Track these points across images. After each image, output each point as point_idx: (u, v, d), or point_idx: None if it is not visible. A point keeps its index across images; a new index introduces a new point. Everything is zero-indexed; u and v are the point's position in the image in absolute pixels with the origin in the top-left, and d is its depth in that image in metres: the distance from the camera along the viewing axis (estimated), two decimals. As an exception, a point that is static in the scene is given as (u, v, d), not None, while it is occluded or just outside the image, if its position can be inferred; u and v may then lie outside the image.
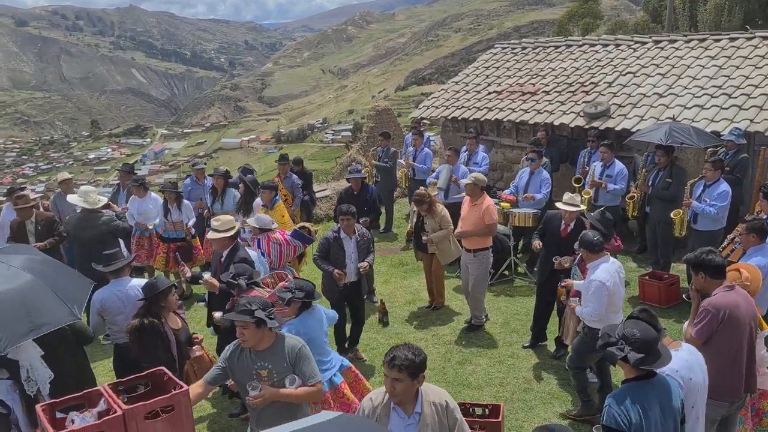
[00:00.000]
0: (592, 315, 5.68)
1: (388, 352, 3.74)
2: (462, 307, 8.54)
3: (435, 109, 13.08)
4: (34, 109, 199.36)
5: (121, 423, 3.63)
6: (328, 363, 5.36)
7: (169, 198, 9.24)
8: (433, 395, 3.78)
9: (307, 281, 5.49)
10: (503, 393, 6.46)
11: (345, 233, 7.08)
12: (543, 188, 9.21)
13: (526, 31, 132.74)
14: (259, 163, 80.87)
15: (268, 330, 4.21)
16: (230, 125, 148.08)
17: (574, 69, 12.22)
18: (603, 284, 5.58)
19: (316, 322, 5.33)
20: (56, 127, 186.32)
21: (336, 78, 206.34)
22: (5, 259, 4.48)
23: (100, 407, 3.77)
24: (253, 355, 4.23)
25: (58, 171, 51.23)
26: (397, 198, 13.12)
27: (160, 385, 4.17)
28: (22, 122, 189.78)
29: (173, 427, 3.80)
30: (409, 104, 74.67)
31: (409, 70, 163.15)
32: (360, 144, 18.28)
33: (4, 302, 4.14)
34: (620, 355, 3.50)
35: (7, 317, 4.09)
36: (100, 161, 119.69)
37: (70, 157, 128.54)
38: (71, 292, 4.60)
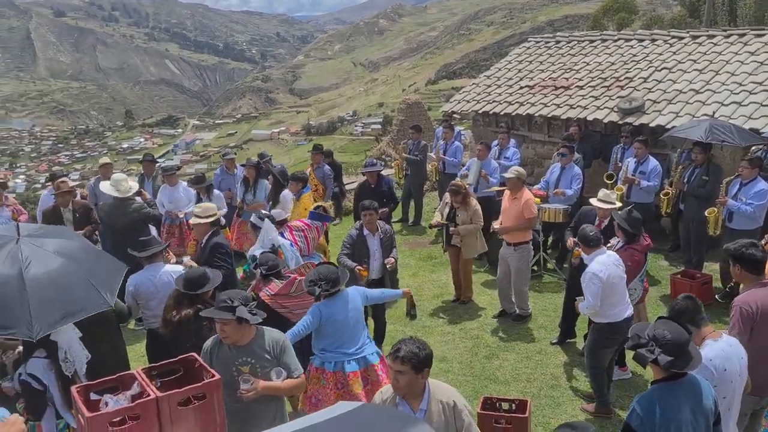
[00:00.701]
0: (587, 308, 5.70)
1: (394, 345, 3.76)
2: (490, 301, 8.52)
3: (466, 103, 13.01)
4: (70, 99, 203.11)
5: (154, 407, 3.69)
6: (355, 351, 5.30)
7: (200, 190, 9.39)
8: (441, 393, 3.75)
9: (331, 265, 5.44)
10: (530, 389, 6.43)
11: (368, 230, 7.04)
12: (574, 184, 9.12)
13: (559, 25, 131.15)
14: (289, 155, 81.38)
15: (249, 326, 4.16)
16: (261, 117, 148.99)
17: (608, 64, 12.05)
18: (595, 275, 5.58)
19: (341, 303, 5.27)
20: (91, 117, 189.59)
21: (366, 71, 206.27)
22: (40, 243, 4.46)
23: (133, 390, 3.83)
24: (234, 351, 4.19)
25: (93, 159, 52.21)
26: (427, 191, 13.09)
27: (192, 372, 4.23)
28: (59, 111, 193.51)
29: (204, 414, 3.85)
30: (440, 98, 74.29)
31: (440, 63, 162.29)
32: (390, 137, 18.30)
33: (38, 287, 4.13)
34: (650, 358, 3.41)
35: (41, 303, 4.06)
36: (133, 151, 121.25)
37: (105, 146, 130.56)
38: (105, 278, 4.58)
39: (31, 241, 4.46)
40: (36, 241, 4.49)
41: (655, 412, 3.37)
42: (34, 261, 4.25)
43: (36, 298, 4.06)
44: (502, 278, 7.98)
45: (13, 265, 4.20)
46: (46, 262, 4.30)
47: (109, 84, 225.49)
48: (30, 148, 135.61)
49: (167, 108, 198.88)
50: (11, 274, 4.14)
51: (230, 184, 10.18)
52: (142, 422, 3.67)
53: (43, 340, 4.33)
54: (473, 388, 6.49)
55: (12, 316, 4.03)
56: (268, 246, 6.89)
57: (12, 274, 4.14)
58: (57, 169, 15.61)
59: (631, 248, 6.22)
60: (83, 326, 4.55)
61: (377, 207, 7.14)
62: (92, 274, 4.45)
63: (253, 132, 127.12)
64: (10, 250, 4.31)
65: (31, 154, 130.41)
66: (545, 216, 8.89)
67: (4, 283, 4.11)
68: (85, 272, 4.40)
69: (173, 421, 3.75)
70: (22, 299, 4.05)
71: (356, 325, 5.34)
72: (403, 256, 10.47)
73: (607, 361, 5.95)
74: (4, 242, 4.40)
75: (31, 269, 4.19)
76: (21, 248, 4.32)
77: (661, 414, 3.36)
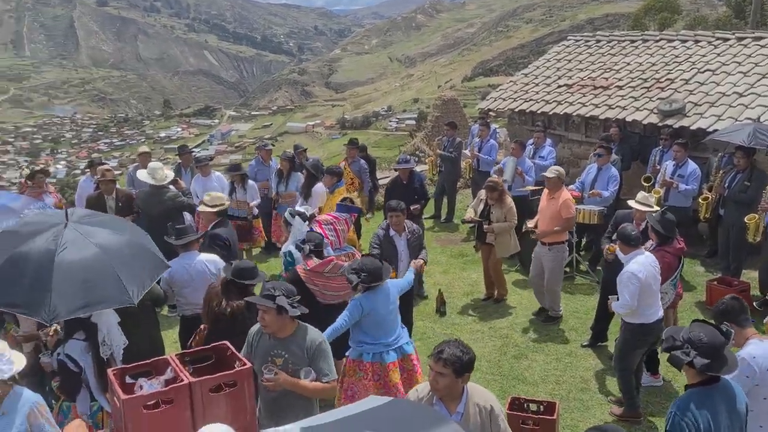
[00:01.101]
0: (623, 307, 5.64)
1: (438, 345, 3.75)
2: (520, 301, 8.48)
3: (502, 101, 12.92)
4: (111, 87, 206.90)
5: (187, 392, 3.77)
6: (393, 341, 5.37)
7: (235, 180, 9.49)
8: (478, 397, 3.74)
9: (375, 259, 5.48)
10: (559, 391, 6.39)
11: (395, 230, 6.95)
12: (610, 185, 8.99)
13: (600, 24, 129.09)
14: (323, 149, 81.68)
15: (291, 318, 4.19)
16: (296, 109, 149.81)
17: (649, 64, 11.84)
18: (634, 275, 5.53)
19: (382, 296, 5.31)
20: (131, 105, 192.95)
21: (403, 66, 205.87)
22: (83, 231, 4.52)
23: (167, 375, 3.92)
24: (273, 341, 4.24)
25: (131, 147, 53.15)
26: (460, 188, 13.05)
27: (223, 360, 4.30)
28: (99, 99, 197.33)
29: (235, 401, 3.92)
30: (475, 95, 73.75)
31: (477, 60, 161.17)
32: (424, 133, 18.24)
33: (64, 273, 4.18)
34: (686, 360, 3.39)
35: (63, 289, 4.11)
36: (170, 140, 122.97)
37: (143, 134, 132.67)
38: (138, 274, 4.54)
39: (76, 227, 4.53)
40: (80, 228, 4.55)
41: (697, 417, 3.34)
42: (70, 247, 4.31)
43: (59, 284, 4.12)
44: (535, 276, 7.93)
45: (49, 248, 4.28)
46: (80, 250, 4.34)
47: (149, 74, 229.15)
48: (71, 135, 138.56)
49: (204, 98, 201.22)
50: (43, 257, 4.22)
51: (266, 175, 10.28)
52: (175, 406, 3.75)
53: (83, 322, 4.45)
54: (501, 387, 6.47)
55: (33, 296, 4.11)
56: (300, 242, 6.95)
57: (44, 257, 4.22)
58: (96, 156, 15.92)
59: (662, 250, 6.13)
60: (121, 311, 4.65)
61: (404, 208, 7.01)
62: (124, 268, 4.43)
63: (288, 124, 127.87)
64: (54, 232, 4.41)
65: (72, 141, 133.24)
66: (579, 217, 8.77)
67: (35, 264, 4.20)
68: (117, 266, 4.39)
69: (205, 407, 3.82)
70: (47, 282, 4.12)
71: (395, 317, 5.44)
72: (435, 253, 10.46)
73: (636, 363, 5.89)
74: (52, 225, 4.50)
75: (64, 255, 4.25)
76: (64, 233, 4.40)
77: (702, 418, 3.33)
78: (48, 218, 4.72)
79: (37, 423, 3.62)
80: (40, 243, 4.32)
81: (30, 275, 4.17)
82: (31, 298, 4.11)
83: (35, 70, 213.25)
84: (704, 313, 7.75)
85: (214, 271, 5.98)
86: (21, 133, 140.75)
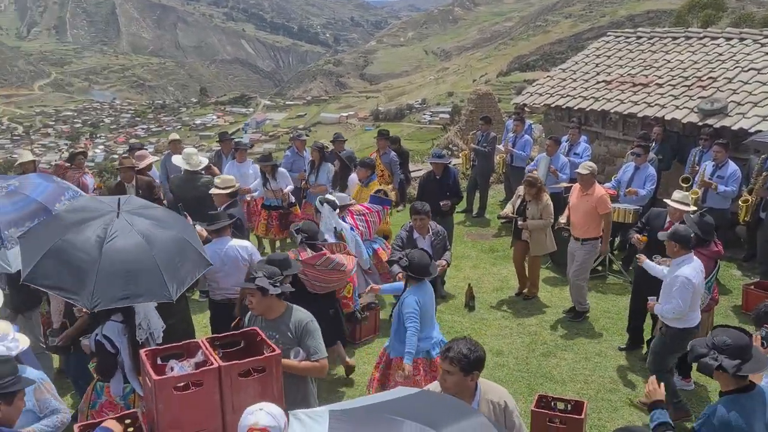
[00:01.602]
0: (674, 312, 5.51)
1: (447, 343, 3.76)
2: (550, 299, 8.41)
3: (538, 96, 12.78)
4: (150, 74, 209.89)
5: (216, 376, 3.82)
6: (436, 334, 5.49)
7: (265, 169, 9.54)
8: (492, 394, 3.71)
9: (425, 253, 5.50)
10: (587, 390, 6.32)
11: (418, 233, 6.83)
12: (647, 184, 8.84)
13: (640, 21, 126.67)
14: (356, 140, 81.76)
15: (278, 299, 4.33)
16: (330, 100, 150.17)
17: (691, 62, 11.59)
18: (689, 281, 5.40)
19: (428, 295, 5.40)
20: (168, 92, 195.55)
21: (438, 59, 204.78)
22: (134, 222, 4.59)
23: (197, 358, 3.97)
24: (264, 323, 4.37)
25: (168, 134, 53.79)
26: (493, 183, 12.96)
27: (253, 345, 4.34)
28: (138, 85, 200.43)
29: (263, 387, 3.96)
30: (510, 90, 73.08)
31: (514, 55, 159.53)
32: (458, 127, 18.16)
33: (113, 263, 4.28)
34: (714, 365, 3.35)
35: (107, 279, 4.21)
36: (206, 127, 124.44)
37: (179, 121, 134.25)
38: (180, 271, 4.60)
39: (127, 217, 4.61)
40: (131, 218, 4.62)
41: (730, 423, 3.28)
42: (119, 237, 4.40)
43: (104, 273, 4.22)
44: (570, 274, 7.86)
45: (98, 236, 4.37)
46: (127, 241, 4.42)
47: (187, 61, 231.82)
48: (110, 120, 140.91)
49: (240, 87, 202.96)
50: (92, 246, 4.32)
51: (301, 165, 10.34)
52: (204, 389, 3.80)
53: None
54: (528, 385, 6.43)
55: (78, 282, 4.21)
56: (330, 230, 7.00)
57: (93, 245, 4.32)
58: (134, 141, 16.19)
59: (698, 252, 6.00)
60: None
61: (428, 211, 6.87)
62: (168, 264, 4.50)
63: (322, 115, 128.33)
64: (105, 221, 4.50)
65: (111, 126, 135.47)
66: (614, 216, 8.64)
67: (84, 252, 4.30)
68: (161, 260, 4.47)
69: (233, 391, 3.86)
70: (92, 270, 4.21)
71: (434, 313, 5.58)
72: (465, 247, 10.42)
73: (672, 364, 5.81)
74: (104, 213, 4.60)
75: (112, 244, 4.35)
76: (114, 222, 4.50)
77: (736, 424, 3.27)
78: (100, 205, 4.79)
79: (43, 398, 3.73)
80: (90, 230, 4.42)
81: (77, 261, 4.27)
82: (76, 283, 4.21)
83: (77, 56, 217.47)
84: (740, 318, 7.60)
85: (246, 257, 6.04)
86: (62, 117, 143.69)
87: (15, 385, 3.15)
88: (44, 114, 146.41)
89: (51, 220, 4.78)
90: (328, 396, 6.21)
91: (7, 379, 3.12)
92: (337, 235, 7.02)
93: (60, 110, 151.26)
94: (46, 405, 3.69)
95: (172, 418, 3.73)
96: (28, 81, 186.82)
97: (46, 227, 4.66)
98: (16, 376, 3.15)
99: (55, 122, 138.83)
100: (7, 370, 3.14)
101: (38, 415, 3.74)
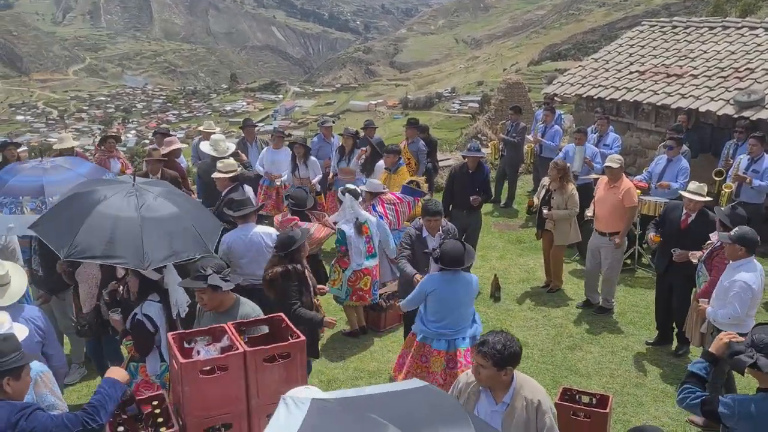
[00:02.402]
0: (731, 317, 5.22)
1: (483, 335, 3.72)
2: (577, 291, 8.33)
3: (570, 86, 12.61)
4: (181, 60, 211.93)
5: (241, 361, 3.87)
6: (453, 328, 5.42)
7: (298, 152, 9.58)
8: (527, 390, 3.69)
9: (458, 242, 5.48)
10: (613, 384, 6.26)
11: (429, 232, 6.51)
12: (680, 177, 8.67)
13: (676, 10, 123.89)
14: (385, 128, 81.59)
15: (227, 293, 4.42)
16: (359, 88, 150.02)
17: (728, 53, 11.32)
18: (749, 286, 5.13)
19: (459, 286, 5.34)
20: (199, 79, 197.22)
21: (468, 48, 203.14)
22: (153, 191, 4.88)
23: (223, 343, 4.03)
24: (215, 316, 4.44)
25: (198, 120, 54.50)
26: (521, 174, 12.86)
27: (278, 331, 4.39)
28: (170, 71, 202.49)
29: (287, 373, 4.00)
30: (541, 79, 72.13)
31: (545, 44, 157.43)
32: (487, 116, 18.02)
33: (153, 228, 4.55)
34: (749, 362, 3.30)
35: (152, 241, 4.48)
36: (236, 113, 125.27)
37: (209, 107, 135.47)
38: (207, 229, 4.94)
39: (145, 188, 4.88)
40: (149, 188, 4.91)
41: (752, 413, 3.25)
42: (149, 204, 4.68)
43: (148, 236, 4.48)
44: (590, 269, 7.78)
45: (130, 206, 4.62)
46: (158, 207, 4.72)
47: (218, 48, 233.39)
48: (142, 105, 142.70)
49: (270, 74, 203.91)
50: (131, 215, 4.57)
51: (328, 152, 10.36)
52: (230, 373, 3.86)
53: (157, 285, 4.66)
54: (552, 377, 6.39)
55: (128, 249, 4.43)
56: (352, 220, 7.01)
57: (131, 214, 4.57)
58: (163, 126, 16.43)
59: None
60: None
61: (442, 211, 6.58)
62: (198, 223, 4.86)
63: (351, 102, 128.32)
64: (129, 192, 4.73)
65: (143, 111, 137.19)
66: (645, 209, 8.54)
67: (126, 221, 4.52)
68: (192, 220, 4.82)
69: (258, 376, 3.91)
70: (138, 236, 4.47)
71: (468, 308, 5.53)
72: (492, 237, 10.37)
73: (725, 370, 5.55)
74: (123, 187, 4.84)
75: (145, 211, 4.62)
76: (138, 193, 4.74)
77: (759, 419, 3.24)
78: (115, 183, 5.07)
79: (39, 393, 3.71)
80: (120, 199, 4.67)
81: (119, 228, 4.49)
82: (126, 250, 4.43)
83: (110, 41, 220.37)
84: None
85: (270, 243, 6.11)
86: (95, 101, 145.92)
87: (21, 360, 3.26)
88: (78, 99, 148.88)
89: (72, 198, 4.95)
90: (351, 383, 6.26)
91: (11, 355, 3.22)
92: (357, 225, 7.01)
93: (93, 95, 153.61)
94: (42, 400, 3.68)
95: (198, 401, 3.79)
96: (62, 66, 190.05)
97: (69, 204, 4.84)
98: (20, 352, 3.26)
99: (88, 107, 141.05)
100: (10, 347, 3.25)
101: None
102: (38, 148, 44.63)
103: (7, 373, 3.20)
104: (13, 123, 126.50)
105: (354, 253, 7.01)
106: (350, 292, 7.10)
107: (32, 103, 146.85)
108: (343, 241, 7.01)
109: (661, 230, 6.77)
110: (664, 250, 6.70)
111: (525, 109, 15.26)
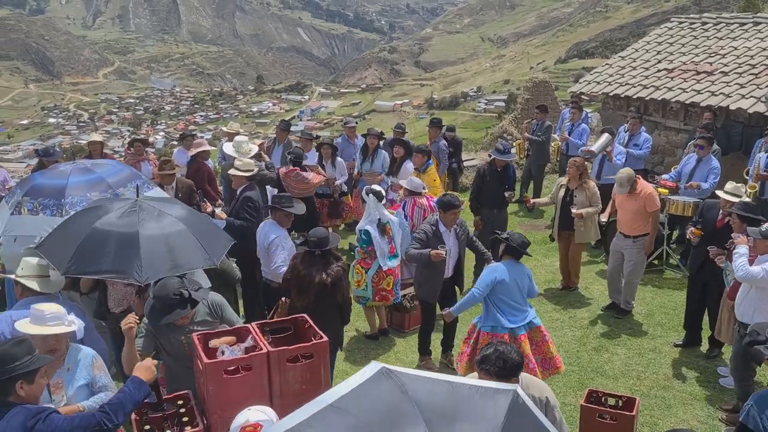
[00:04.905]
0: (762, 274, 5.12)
1: (483, 350, 3.73)
2: (603, 291, 8.23)
3: (596, 84, 12.47)
4: (209, 62, 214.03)
5: (265, 361, 3.90)
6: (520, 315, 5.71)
7: (325, 153, 9.61)
8: (535, 389, 3.70)
9: (523, 236, 5.78)
10: (640, 387, 6.18)
11: (446, 227, 6.48)
12: (710, 177, 8.50)
13: (706, 5, 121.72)
14: (410, 128, 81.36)
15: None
16: (385, 88, 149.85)
17: (759, 49, 11.09)
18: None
19: (517, 274, 5.67)
20: (226, 80, 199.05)
21: (494, 47, 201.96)
22: (155, 204, 5.03)
23: (247, 343, 4.06)
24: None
25: (225, 122, 54.91)
26: (547, 173, 12.75)
27: (301, 332, 4.41)
28: (197, 73, 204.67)
29: (311, 373, 4.02)
30: (568, 78, 71.38)
31: (572, 42, 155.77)
32: (513, 115, 17.90)
33: (152, 242, 4.66)
34: (766, 354, 3.27)
35: (151, 255, 4.60)
36: (262, 114, 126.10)
37: (236, 109, 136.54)
38: (213, 243, 5.06)
39: (148, 201, 5.05)
40: (152, 201, 5.07)
41: None
42: (148, 218, 4.81)
43: (146, 251, 4.60)
44: (613, 270, 7.67)
45: (131, 221, 4.77)
46: (158, 220, 4.86)
47: (244, 49, 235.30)
48: (170, 107, 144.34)
49: (296, 75, 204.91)
50: (129, 229, 4.71)
51: (352, 153, 10.38)
52: (253, 373, 3.89)
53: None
54: (578, 379, 6.33)
55: (127, 263, 4.58)
56: (375, 221, 7.02)
57: (130, 229, 4.71)
58: (191, 128, 16.66)
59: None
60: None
61: (460, 206, 6.57)
62: (201, 236, 4.97)
63: (376, 103, 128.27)
64: (130, 207, 4.89)
65: (171, 113, 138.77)
66: (673, 209, 8.40)
67: (124, 237, 4.66)
68: (194, 233, 4.93)
69: (281, 376, 3.94)
70: (136, 250, 4.59)
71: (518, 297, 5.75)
72: (517, 237, 10.28)
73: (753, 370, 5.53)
74: (126, 201, 5.03)
75: (145, 226, 4.74)
76: (139, 206, 4.89)
77: None
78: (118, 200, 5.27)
79: (95, 375, 3.93)
80: (119, 215, 4.82)
81: (117, 243, 4.64)
82: (121, 263, 4.59)
83: (139, 44, 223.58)
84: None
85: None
86: (124, 104, 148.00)
87: (34, 364, 3.22)
88: (108, 101, 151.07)
89: (74, 216, 5.17)
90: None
91: (25, 359, 3.19)
92: (380, 226, 7.02)
93: (123, 97, 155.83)
94: (96, 380, 3.89)
95: (222, 401, 3.83)
96: (93, 69, 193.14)
97: (70, 223, 5.03)
98: (33, 355, 3.25)
99: (118, 109, 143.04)
100: (24, 351, 3.22)
101: (91, 390, 3.91)
102: (70, 150, 45.44)
103: (21, 377, 3.17)
104: (46, 126, 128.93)
105: (378, 254, 7.02)
106: (373, 292, 7.11)
107: (64, 105, 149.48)
108: (369, 242, 7.02)
109: (701, 228, 6.67)
110: (698, 250, 6.60)
111: (551, 107, 15.13)
